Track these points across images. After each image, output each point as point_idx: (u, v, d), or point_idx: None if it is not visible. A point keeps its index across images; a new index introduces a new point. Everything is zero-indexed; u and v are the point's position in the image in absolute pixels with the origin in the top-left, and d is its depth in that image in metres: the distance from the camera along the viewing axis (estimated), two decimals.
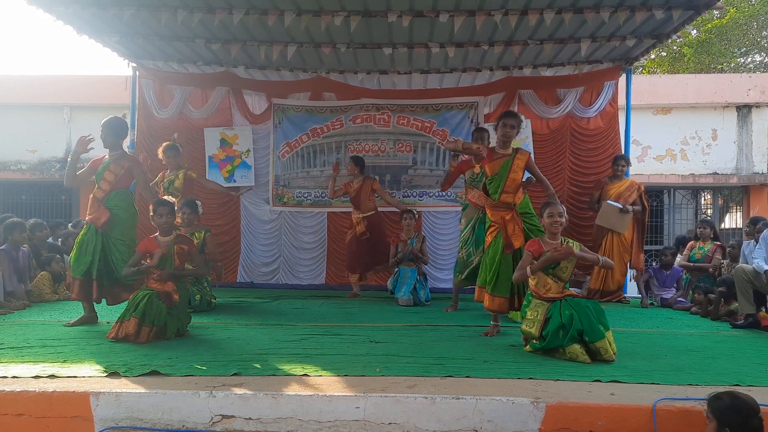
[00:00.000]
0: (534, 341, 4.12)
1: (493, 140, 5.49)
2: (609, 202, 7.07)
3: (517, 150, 4.90)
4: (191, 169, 6.63)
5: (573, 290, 4.55)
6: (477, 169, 6.10)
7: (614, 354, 3.92)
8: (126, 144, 8.51)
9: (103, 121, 5.30)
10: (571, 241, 4.33)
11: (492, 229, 4.89)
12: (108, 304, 5.17)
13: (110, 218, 5.04)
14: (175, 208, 5.11)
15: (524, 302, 4.36)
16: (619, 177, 7.36)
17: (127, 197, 5.24)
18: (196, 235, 5.98)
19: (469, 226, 6.16)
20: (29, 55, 36.06)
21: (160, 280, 4.57)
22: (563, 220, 4.23)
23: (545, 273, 4.17)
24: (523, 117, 5.06)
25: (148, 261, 4.65)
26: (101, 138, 5.27)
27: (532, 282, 4.25)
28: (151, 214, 4.75)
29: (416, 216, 7.31)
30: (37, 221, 7.34)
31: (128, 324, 4.33)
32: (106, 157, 5.29)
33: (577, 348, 3.87)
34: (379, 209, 7.48)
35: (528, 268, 4.17)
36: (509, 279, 4.68)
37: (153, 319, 4.38)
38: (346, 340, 4.51)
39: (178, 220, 5.42)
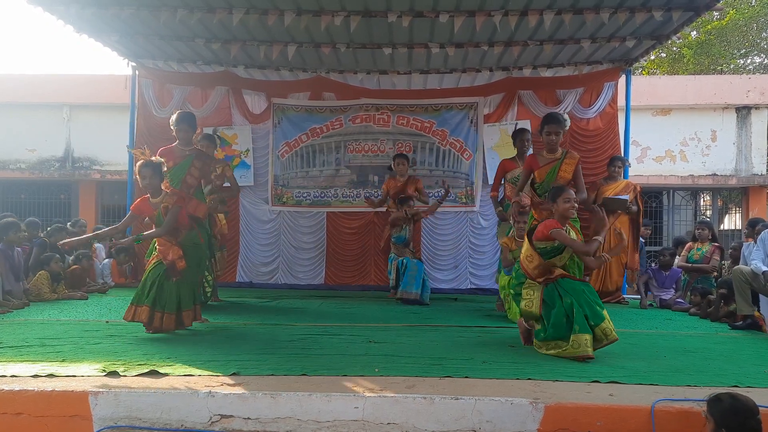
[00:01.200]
0: (538, 328, 4.15)
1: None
2: (619, 197, 7.09)
3: (566, 153, 4.80)
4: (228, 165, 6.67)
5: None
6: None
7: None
8: (125, 143, 8.59)
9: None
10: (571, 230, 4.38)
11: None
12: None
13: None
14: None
15: (513, 281, 4.43)
16: (614, 178, 7.37)
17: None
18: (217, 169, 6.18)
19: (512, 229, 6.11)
20: (29, 54, 36.06)
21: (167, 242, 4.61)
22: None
23: (545, 259, 4.21)
24: (566, 116, 4.92)
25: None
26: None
27: (530, 265, 4.25)
28: (136, 176, 4.75)
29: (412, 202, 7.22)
30: (60, 225, 7.54)
31: (141, 311, 4.48)
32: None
33: (582, 337, 3.89)
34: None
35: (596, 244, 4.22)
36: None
37: (164, 304, 4.48)
38: (345, 340, 4.51)
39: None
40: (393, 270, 6.97)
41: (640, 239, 7.52)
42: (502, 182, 6.54)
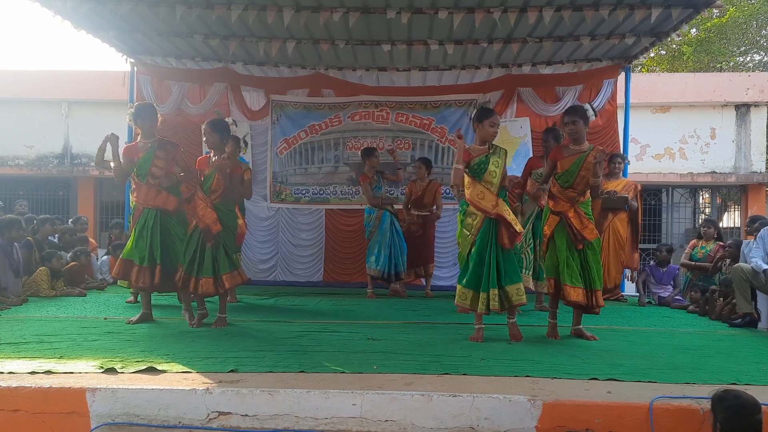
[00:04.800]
0: (461, 276, 4.66)
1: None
2: (623, 195, 7.09)
3: (593, 148, 4.68)
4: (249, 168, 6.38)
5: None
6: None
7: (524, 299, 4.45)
8: (124, 139, 8.56)
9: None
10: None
11: (551, 221, 4.70)
12: (159, 292, 5.16)
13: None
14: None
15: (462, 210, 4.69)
16: (615, 175, 7.36)
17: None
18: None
19: (529, 221, 6.08)
20: (27, 50, 35.97)
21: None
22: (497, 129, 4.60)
23: (478, 180, 4.44)
24: (587, 106, 4.80)
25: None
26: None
27: (467, 191, 4.52)
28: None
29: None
30: (46, 217, 7.56)
31: (206, 282, 4.73)
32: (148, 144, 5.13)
33: (492, 292, 4.36)
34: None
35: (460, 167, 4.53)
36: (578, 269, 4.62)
37: (200, 269, 4.77)
38: (343, 337, 4.51)
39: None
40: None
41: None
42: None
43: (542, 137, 6.24)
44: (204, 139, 5.13)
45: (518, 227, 4.47)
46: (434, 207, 7.28)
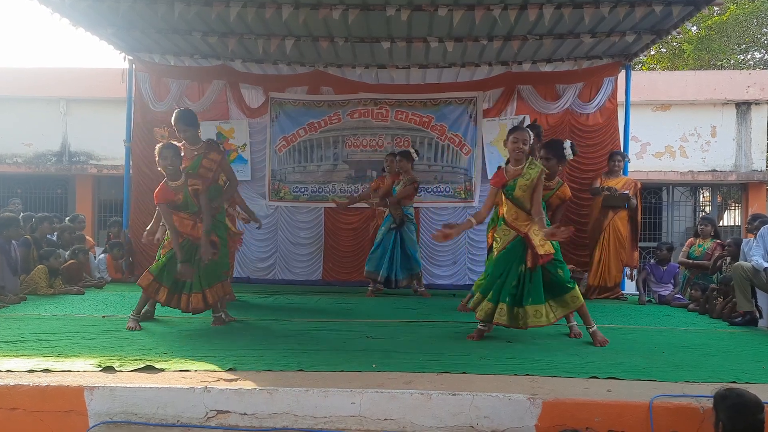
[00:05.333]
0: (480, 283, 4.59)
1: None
2: (623, 193, 7.08)
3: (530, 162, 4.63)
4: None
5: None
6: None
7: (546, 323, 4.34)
8: (122, 137, 8.56)
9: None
10: (535, 162, 4.46)
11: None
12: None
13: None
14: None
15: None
16: (615, 173, 7.36)
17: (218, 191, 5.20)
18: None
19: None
20: (25, 48, 35.91)
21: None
22: (527, 147, 4.38)
23: (509, 199, 4.41)
24: (566, 144, 4.84)
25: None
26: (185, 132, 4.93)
27: (503, 209, 4.51)
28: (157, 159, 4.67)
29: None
30: (45, 215, 7.53)
31: (196, 298, 4.69)
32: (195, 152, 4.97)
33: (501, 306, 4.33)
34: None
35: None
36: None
37: (189, 285, 4.72)
38: (342, 335, 4.50)
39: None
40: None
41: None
42: None
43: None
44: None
45: (542, 250, 4.31)
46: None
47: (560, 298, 4.40)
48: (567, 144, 4.81)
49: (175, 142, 4.79)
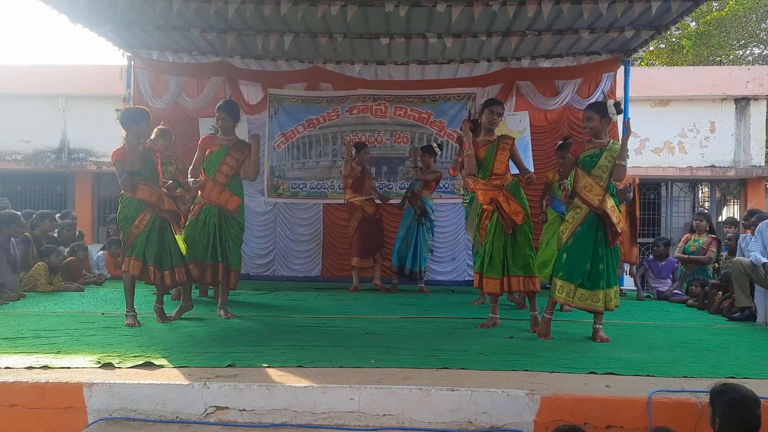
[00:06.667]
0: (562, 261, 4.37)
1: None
2: (623, 189, 7.07)
3: (500, 137, 4.82)
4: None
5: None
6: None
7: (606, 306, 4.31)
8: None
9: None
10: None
11: (487, 213, 4.85)
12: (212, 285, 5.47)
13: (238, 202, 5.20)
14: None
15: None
16: None
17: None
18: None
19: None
20: (24, 45, 35.83)
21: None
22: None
23: (586, 172, 4.32)
24: (610, 102, 4.70)
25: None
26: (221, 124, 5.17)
27: (579, 184, 4.36)
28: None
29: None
30: (45, 212, 7.58)
31: (180, 272, 4.79)
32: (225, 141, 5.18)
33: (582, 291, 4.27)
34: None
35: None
36: (501, 260, 4.73)
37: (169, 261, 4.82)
38: (341, 331, 4.50)
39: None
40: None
41: None
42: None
43: (557, 154, 6.13)
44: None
45: (619, 227, 4.30)
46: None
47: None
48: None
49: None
